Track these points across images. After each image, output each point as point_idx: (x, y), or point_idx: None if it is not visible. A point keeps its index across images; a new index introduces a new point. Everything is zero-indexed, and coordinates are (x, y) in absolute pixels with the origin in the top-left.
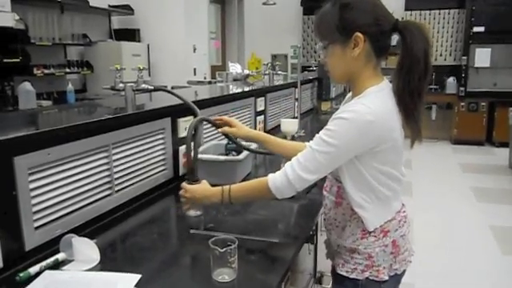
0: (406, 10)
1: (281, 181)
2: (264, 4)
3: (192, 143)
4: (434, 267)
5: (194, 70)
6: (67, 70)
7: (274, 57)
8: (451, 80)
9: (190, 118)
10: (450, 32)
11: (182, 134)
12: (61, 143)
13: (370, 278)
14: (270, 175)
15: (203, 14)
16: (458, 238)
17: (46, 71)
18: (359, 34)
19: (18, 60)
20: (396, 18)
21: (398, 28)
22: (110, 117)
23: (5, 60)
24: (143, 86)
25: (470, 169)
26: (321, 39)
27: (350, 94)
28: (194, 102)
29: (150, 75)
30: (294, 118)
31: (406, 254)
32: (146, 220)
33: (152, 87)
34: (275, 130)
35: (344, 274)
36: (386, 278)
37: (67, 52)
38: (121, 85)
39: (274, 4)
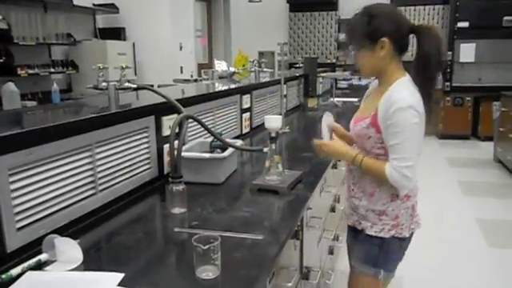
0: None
1: (397, 177)
2: (250, 1)
3: (176, 141)
4: (421, 260)
5: (181, 68)
6: (52, 70)
7: (261, 54)
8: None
9: (174, 116)
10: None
11: (167, 132)
12: (42, 143)
13: (395, 235)
14: (388, 167)
15: (189, 12)
16: (445, 231)
17: (31, 71)
18: (385, 39)
19: (1, 60)
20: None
21: (413, 30)
22: (92, 116)
23: None
24: (126, 84)
25: (457, 163)
26: (353, 45)
27: (375, 82)
28: (178, 100)
29: (136, 74)
30: (280, 114)
31: (417, 218)
32: (130, 219)
33: (135, 86)
34: (262, 127)
35: (373, 233)
36: (407, 235)
37: (52, 52)
38: (104, 84)
39: (260, 1)
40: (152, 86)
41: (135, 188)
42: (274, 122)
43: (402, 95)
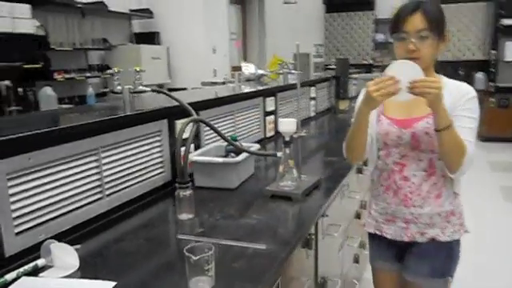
0: None
1: (470, 159)
2: (285, 3)
3: (183, 146)
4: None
5: (215, 71)
6: (88, 75)
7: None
8: (480, 75)
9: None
10: (479, 26)
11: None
12: (42, 148)
13: (463, 234)
14: (467, 146)
15: (223, 15)
16: (485, 238)
17: (67, 76)
18: (448, 32)
19: (38, 66)
20: None
21: None
22: (96, 120)
23: (26, 66)
24: (140, 88)
25: (499, 167)
26: (429, 29)
27: None
28: (196, 103)
29: (170, 77)
30: (308, 117)
31: None
32: (136, 224)
33: (149, 89)
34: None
35: (448, 239)
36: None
37: (88, 56)
38: (119, 87)
39: (296, 3)
40: (185, 89)
41: (146, 192)
42: (287, 125)
43: (469, 86)
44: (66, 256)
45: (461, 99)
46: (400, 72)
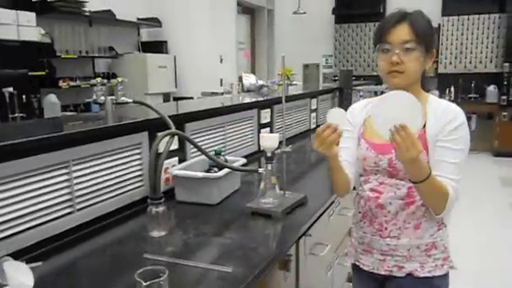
0: (444, 15)
1: (453, 201)
2: (294, 13)
3: (156, 160)
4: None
5: (221, 80)
6: (93, 82)
7: (306, 66)
8: (492, 88)
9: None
10: (491, 38)
11: (162, 148)
12: (3, 161)
13: (448, 269)
14: (450, 188)
15: (231, 25)
16: (495, 256)
17: (72, 83)
18: (434, 51)
19: (43, 73)
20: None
21: None
22: (65, 133)
23: (30, 73)
24: (122, 99)
25: (511, 183)
26: (416, 42)
27: (374, 100)
28: (184, 115)
29: (176, 86)
30: (308, 130)
31: None
32: (107, 241)
33: (131, 100)
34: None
35: (427, 274)
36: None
37: (95, 64)
38: (102, 98)
39: (305, 13)
40: (192, 98)
41: (123, 206)
42: (269, 140)
43: (457, 108)
44: (21, 275)
45: (446, 126)
46: (393, 104)
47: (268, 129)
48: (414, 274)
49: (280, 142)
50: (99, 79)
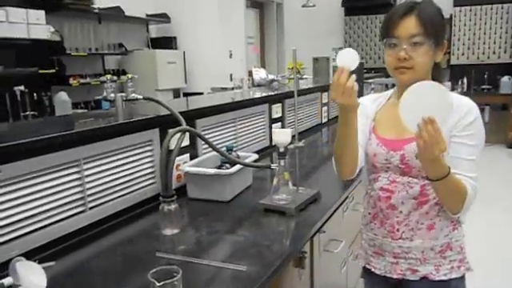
0: (456, 5)
1: (472, 200)
2: (303, 6)
3: (167, 156)
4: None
5: (231, 75)
6: (103, 79)
7: (316, 60)
8: (506, 79)
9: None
10: (504, 28)
11: (173, 145)
12: (14, 160)
13: (465, 272)
14: (469, 187)
15: (240, 20)
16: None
17: (82, 81)
18: (445, 42)
19: (53, 71)
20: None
21: None
22: (77, 131)
23: (41, 71)
24: (133, 95)
25: None
26: (424, 35)
27: (384, 94)
28: (194, 111)
29: (186, 82)
30: (320, 124)
31: None
32: (118, 240)
33: (141, 97)
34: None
35: (443, 277)
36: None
37: (105, 61)
38: (112, 95)
39: (314, 6)
40: (201, 93)
41: (135, 204)
42: (281, 135)
43: (470, 102)
44: (33, 275)
45: (460, 121)
46: (422, 96)
47: (279, 123)
48: (428, 277)
49: (292, 137)
50: (109, 76)
